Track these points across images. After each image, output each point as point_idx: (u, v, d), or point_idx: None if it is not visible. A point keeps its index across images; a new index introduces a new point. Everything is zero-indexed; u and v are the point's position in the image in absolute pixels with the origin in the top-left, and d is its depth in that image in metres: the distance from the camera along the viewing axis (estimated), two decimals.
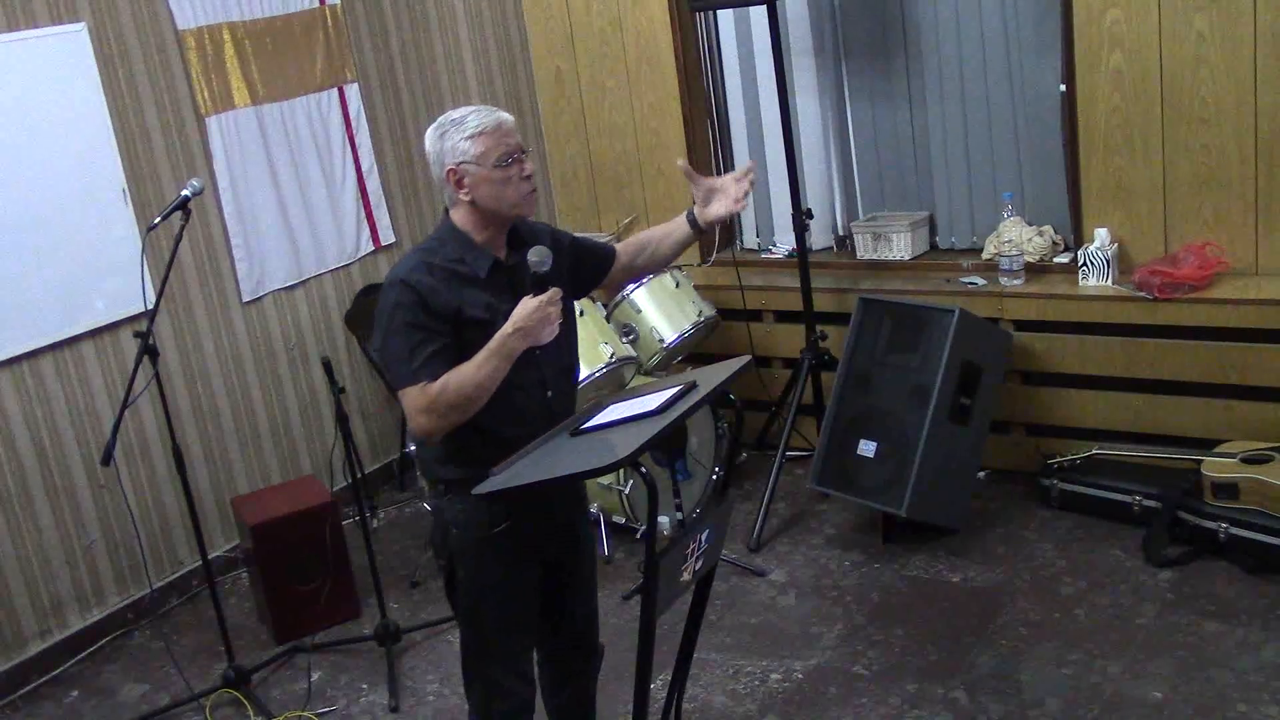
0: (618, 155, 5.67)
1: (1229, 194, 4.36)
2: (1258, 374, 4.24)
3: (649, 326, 4.92)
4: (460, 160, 2.65)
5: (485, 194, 2.67)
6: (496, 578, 2.78)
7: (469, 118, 2.67)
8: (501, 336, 2.60)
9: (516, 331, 2.60)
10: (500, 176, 2.66)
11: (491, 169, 2.65)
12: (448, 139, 2.67)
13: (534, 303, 2.62)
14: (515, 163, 2.67)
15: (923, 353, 4.40)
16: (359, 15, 5.25)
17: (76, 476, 4.39)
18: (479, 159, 2.64)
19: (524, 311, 2.61)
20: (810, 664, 3.82)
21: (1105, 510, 4.38)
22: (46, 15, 4.20)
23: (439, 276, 2.64)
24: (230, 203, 4.78)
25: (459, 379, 2.59)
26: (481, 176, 2.65)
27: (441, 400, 2.59)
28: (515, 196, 2.68)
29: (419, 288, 2.62)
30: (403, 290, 2.62)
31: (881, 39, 5.13)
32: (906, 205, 5.28)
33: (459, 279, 2.66)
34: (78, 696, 4.21)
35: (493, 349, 2.60)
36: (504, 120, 2.68)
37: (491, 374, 2.60)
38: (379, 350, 2.72)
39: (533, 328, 2.61)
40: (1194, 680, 3.49)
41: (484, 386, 2.60)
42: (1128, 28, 4.37)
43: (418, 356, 2.61)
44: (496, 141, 2.65)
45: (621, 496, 4.50)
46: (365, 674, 4.09)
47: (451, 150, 2.66)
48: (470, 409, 2.61)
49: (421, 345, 2.61)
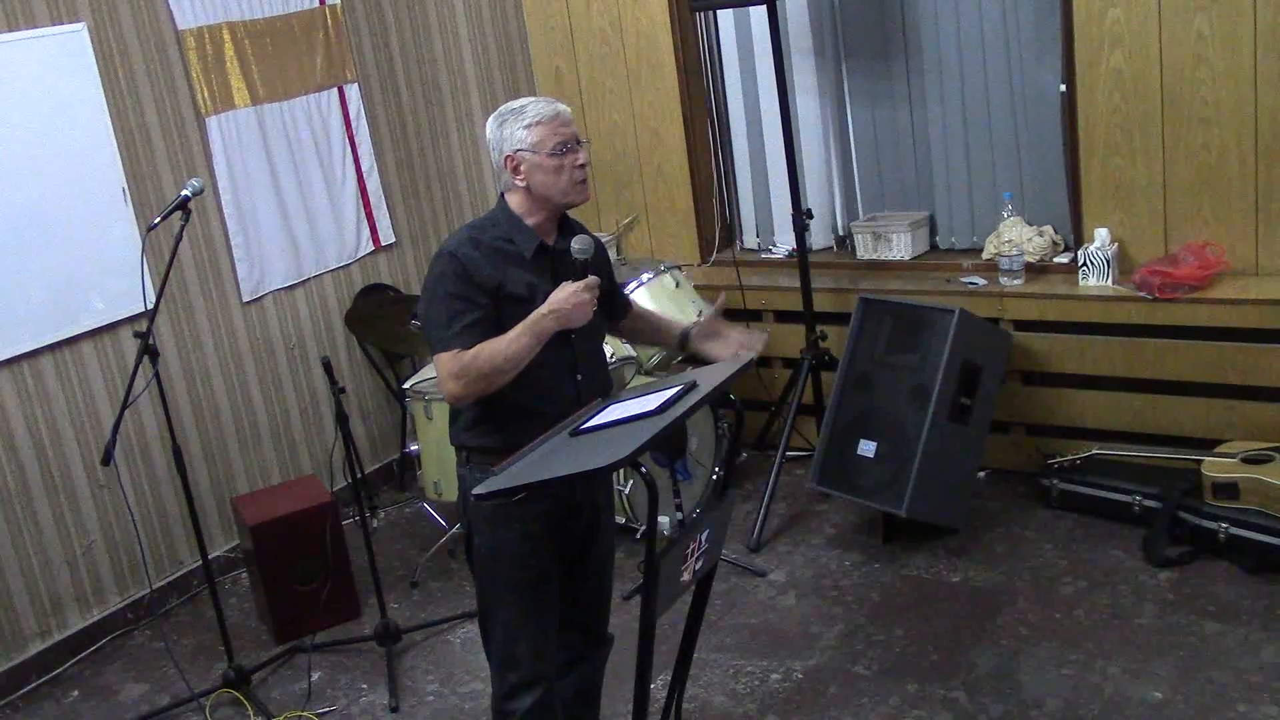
0: (618, 155, 5.67)
1: (1229, 194, 4.36)
2: (1258, 374, 4.24)
3: None
4: (518, 147, 2.77)
5: (539, 180, 2.78)
6: (513, 546, 2.82)
7: (528, 107, 2.79)
8: (536, 316, 2.70)
9: (551, 313, 2.70)
10: (554, 164, 2.77)
11: (546, 157, 2.76)
12: (507, 127, 2.79)
13: (571, 287, 2.72)
14: (570, 152, 2.78)
15: (923, 353, 4.40)
16: (359, 15, 5.25)
17: (76, 476, 4.39)
18: (535, 146, 2.76)
19: (561, 295, 2.71)
20: (810, 664, 3.82)
21: (1105, 510, 4.38)
22: (46, 15, 4.20)
23: (484, 252, 2.76)
24: (230, 203, 4.78)
25: (491, 350, 2.68)
26: (536, 163, 2.77)
27: (472, 368, 2.68)
28: (567, 184, 2.79)
29: (464, 260, 2.73)
30: (449, 261, 2.74)
31: (881, 39, 5.13)
32: (906, 205, 5.28)
33: (504, 256, 2.77)
34: (78, 696, 4.21)
35: (527, 325, 2.69)
36: (561, 111, 2.80)
37: (522, 350, 2.68)
38: (421, 317, 2.83)
39: (568, 311, 2.70)
40: (1194, 680, 3.49)
41: (513, 360, 2.68)
42: (1128, 28, 4.37)
43: (455, 324, 2.71)
44: (552, 131, 2.76)
45: (621, 496, 4.50)
46: (365, 674, 4.09)
47: (510, 138, 2.78)
48: (498, 380, 2.69)
49: (460, 315, 2.71)
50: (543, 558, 2.86)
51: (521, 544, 2.82)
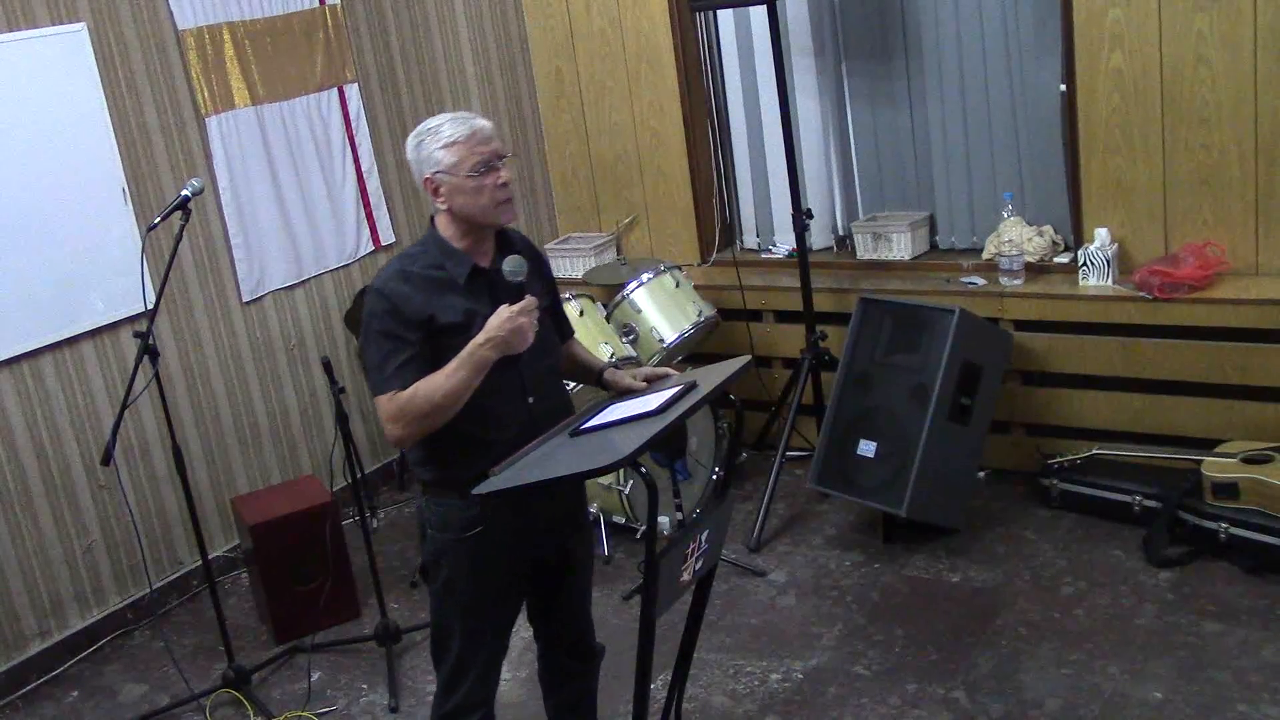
0: (618, 155, 5.67)
1: (1229, 194, 4.36)
2: (1258, 374, 4.24)
3: (649, 326, 4.92)
4: (435, 170, 2.66)
5: (460, 203, 2.67)
6: (466, 579, 2.77)
7: (443, 127, 2.67)
8: (473, 346, 2.60)
9: (488, 341, 2.59)
10: (474, 185, 2.65)
11: (465, 178, 2.65)
12: (424, 148, 2.68)
13: (507, 312, 2.61)
14: (490, 171, 2.66)
15: (923, 353, 4.40)
16: (359, 15, 5.25)
17: (76, 476, 4.39)
18: (453, 168, 2.65)
19: (496, 321, 2.60)
20: (810, 664, 3.82)
21: (1105, 510, 4.38)
22: (46, 15, 4.20)
23: (415, 284, 2.65)
24: (230, 203, 4.78)
25: (428, 388, 2.59)
26: (456, 185, 2.66)
27: (410, 409, 2.59)
28: (489, 204, 2.67)
29: (392, 296, 2.63)
30: (376, 299, 2.65)
31: (881, 39, 5.13)
32: (906, 205, 5.28)
33: (436, 285, 2.67)
34: (78, 696, 4.21)
35: (464, 358, 2.59)
36: (479, 128, 2.67)
37: (461, 383, 2.59)
38: (360, 355, 2.73)
39: (504, 338, 2.60)
40: (1194, 680, 3.49)
41: (453, 395, 2.59)
42: (1128, 28, 4.37)
43: (389, 365, 2.62)
44: (470, 150, 2.65)
45: (621, 496, 4.50)
46: (365, 674, 4.09)
47: (428, 159, 2.67)
48: (439, 418, 2.61)
49: (393, 354, 2.62)
50: (499, 592, 2.81)
51: (478, 579, 2.77)
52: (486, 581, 2.78)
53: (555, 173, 5.89)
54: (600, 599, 4.35)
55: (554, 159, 5.88)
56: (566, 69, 5.68)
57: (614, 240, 5.76)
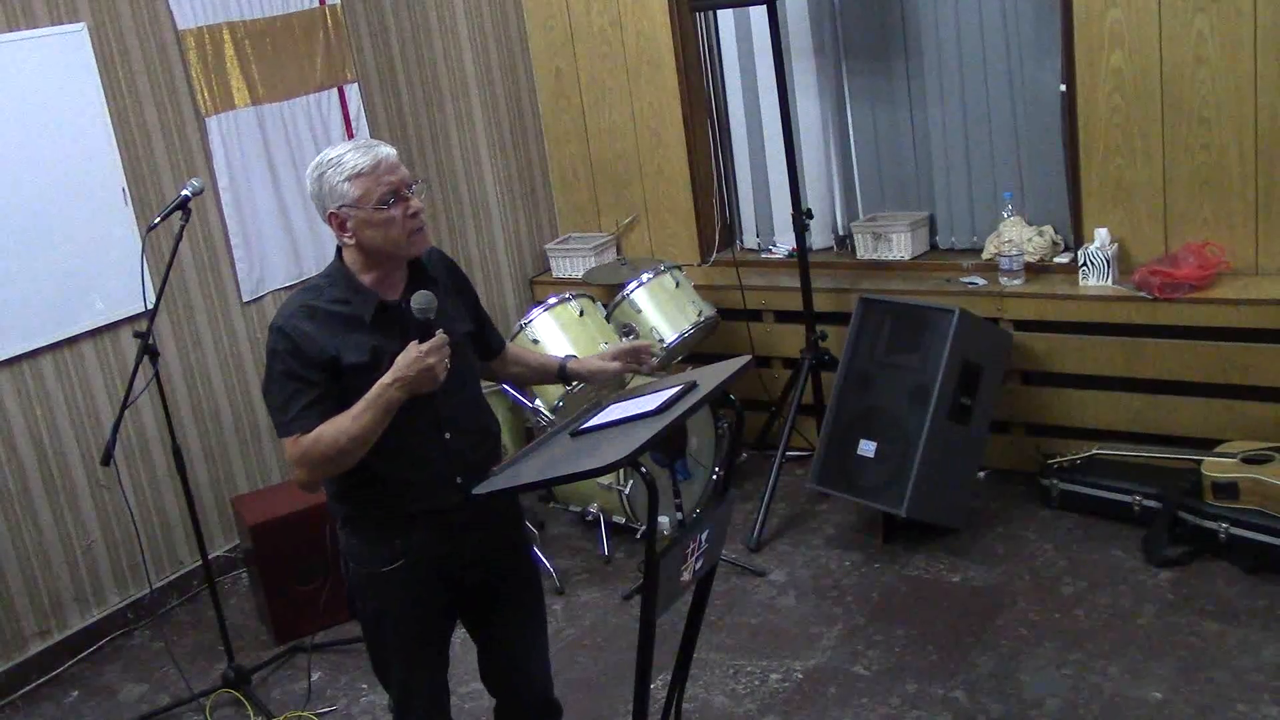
0: (618, 155, 5.67)
1: (1229, 194, 4.36)
2: (1258, 374, 4.24)
3: (649, 326, 4.92)
4: (340, 204, 2.53)
5: (369, 237, 2.54)
6: (391, 611, 2.69)
7: (345, 157, 2.53)
8: (380, 387, 2.47)
9: (395, 381, 2.47)
10: (382, 218, 2.52)
11: (373, 211, 2.52)
12: (326, 181, 2.54)
13: (415, 352, 2.48)
14: (399, 201, 2.53)
15: (923, 353, 4.40)
16: (359, 15, 5.25)
17: (76, 476, 4.39)
18: (359, 201, 2.52)
19: (404, 361, 2.48)
20: (810, 664, 3.82)
21: (1105, 510, 4.38)
22: (46, 15, 4.20)
23: (319, 321, 2.54)
24: (230, 203, 4.78)
25: (333, 432, 2.48)
26: (363, 219, 2.53)
27: (315, 452, 2.49)
28: (400, 236, 2.54)
29: (293, 335, 2.51)
30: (277, 337, 2.53)
31: (881, 39, 5.13)
32: (906, 205, 5.28)
33: (342, 321, 2.55)
34: (78, 696, 4.21)
35: (370, 399, 2.47)
36: (383, 158, 2.54)
37: (367, 426, 2.47)
38: (264, 394, 2.61)
39: (413, 379, 2.47)
40: (1194, 680, 3.49)
41: (359, 439, 2.48)
42: (1128, 28, 4.37)
43: (291, 408, 2.51)
44: (375, 181, 2.51)
45: (621, 496, 4.50)
46: (365, 674, 4.09)
47: (331, 193, 2.54)
48: (346, 461, 2.50)
49: (296, 395, 2.50)
50: (429, 619, 2.73)
51: (405, 607, 2.68)
52: (414, 611, 2.70)
53: (555, 173, 5.89)
54: (600, 599, 4.35)
55: (554, 159, 5.88)
56: (566, 69, 5.68)
57: (614, 240, 5.76)
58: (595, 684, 3.85)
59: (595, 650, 4.05)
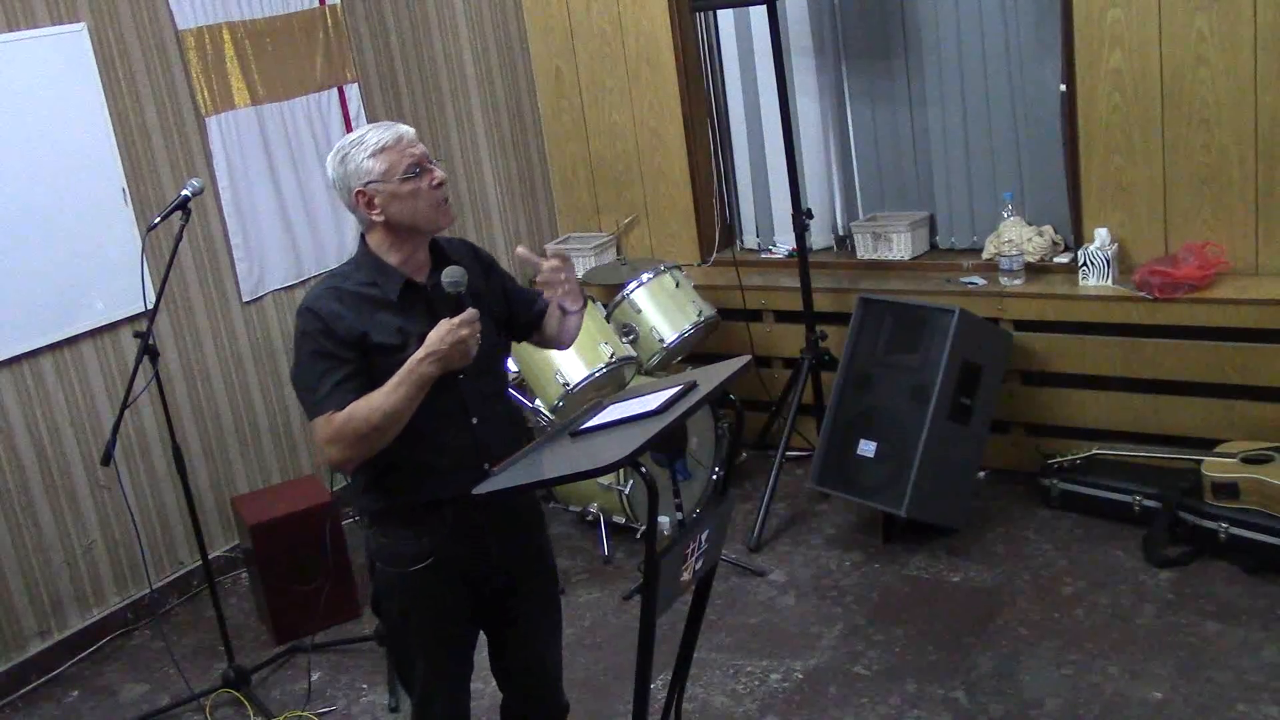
0: (618, 155, 5.67)
1: (1229, 194, 4.36)
2: (1258, 374, 4.24)
3: (649, 326, 4.92)
4: (367, 180, 2.57)
5: (397, 210, 2.58)
6: (419, 613, 2.70)
7: (368, 135, 2.59)
8: (412, 363, 2.48)
9: (428, 356, 2.48)
10: (409, 189, 2.56)
11: (399, 183, 2.56)
12: (350, 161, 2.58)
13: (447, 325, 2.49)
14: (424, 173, 2.58)
15: (923, 353, 4.40)
16: (359, 15, 5.25)
17: (76, 476, 4.39)
18: (385, 175, 2.56)
19: (436, 335, 2.49)
20: (810, 664, 3.82)
21: (1105, 510, 4.38)
22: (46, 15, 4.20)
23: (347, 302, 2.56)
24: (230, 203, 4.78)
25: (366, 408, 2.48)
26: (390, 192, 2.56)
27: (348, 429, 2.49)
28: (428, 207, 2.59)
29: (324, 314, 2.54)
30: (307, 318, 2.55)
31: (882, 39, 5.13)
32: (906, 205, 5.28)
33: (370, 303, 2.58)
34: (78, 696, 4.21)
35: (403, 375, 2.48)
36: (404, 133, 2.60)
37: (401, 402, 2.48)
38: (292, 378, 2.62)
39: (445, 352, 2.48)
40: (1194, 680, 3.49)
41: (393, 416, 2.48)
42: (1128, 28, 4.37)
43: (324, 385, 2.52)
44: (400, 155, 2.57)
45: (621, 496, 4.50)
46: (365, 674, 4.09)
47: (356, 172, 2.57)
48: (380, 439, 2.50)
49: (327, 374, 2.52)
50: (456, 620, 2.74)
51: (432, 608, 2.69)
52: (440, 613, 2.71)
53: (555, 173, 5.89)
54: (600, 599, 4.35)
55: (554, 159, 5.88)
56: (566, 69, 5.68)
57: (614, 240, 5.76)
58: (595, 684, 3.85)
59: (595, 650, 4.05)
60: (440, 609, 2.71)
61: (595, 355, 4.63)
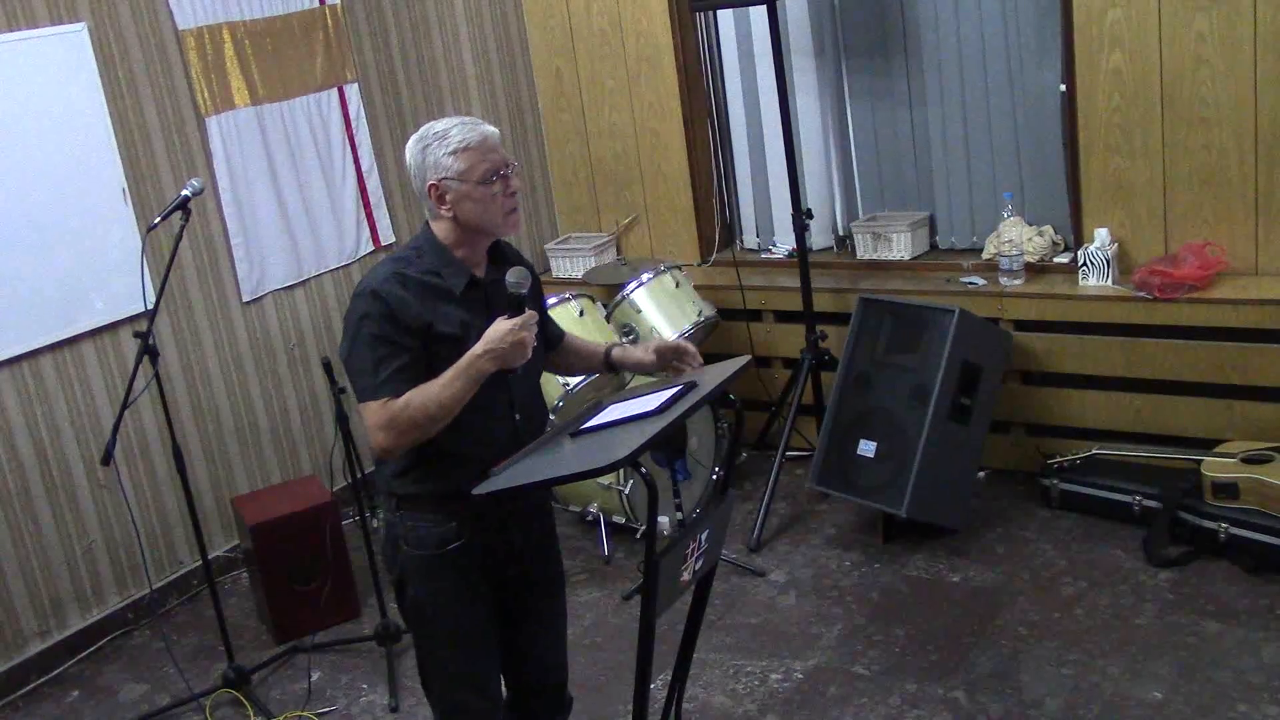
0: (618, 155, 5.67)
1: (1229, 194, 4.36)
2: (1258, 374, 4.24)
3: (649, 326, 4.92)
4: (443, 176, 2.57)
5: (468, 211, 2.59)
6: (448, 596, 2.70)
7: (453, 131, 2.58)
8: (471, 357, 2.51)
9: (487, 353, 2.51)
10: (484, 194, 2.58)
11: (475, 186, 2.57)
12: (430, 153, 2.58)
13: (507, 325, 2.53)
14: (500, 179, 2.59)
15: (923, 353, 4.40)
16: (359, 15, 5.25)
17: (76, 476, 4.39)
18: (462, 175, 2.56)
19: (497, 333, 2.52)
20: (810, 664, 3.82)
21: (1105, 510, 4.38)
22: (46, 15, 4.20)
23: (412, 289, 2.56)
24: (230, 203, 4.78)
25: (422, 397, 2.50)
26: (464, 193, 2.57)
27: (403, 417, 2.50)
28: (499, 215, 2.61)
29: (389, 299, 2.53)
30: (372, 300, 2.54)
31: (881, 39, 5.13)
32: (906, 205, 5.28)
33: (433, 292, 2.58)
34: (78, 696, 4.21)
35: (461, 369, 2.51)
36: (489, 135, 2.60)
37: (457, 394, 2.51)
38: (345, 359, 2.60)
39: (505, 351, 2.52)
40: (1194, 680, 3.49)
41: (447, 406, 2.50)
42: (1128, 28, 4.37)
43: (382, 371, 2.52)
44: (481, 157, 2.57)
45: (621, 496, 4.50)
46: (365, 674, 4.09)
47: (434, 165, 2.58)
48: (431, 429, 2.52)
49: (387, 359, 2.52)
50: (480, 605, 2.74)
51: (458, 592, 2.70)
52: (467, 597, 2.72)
53: (555, 173, 5.89)
54: (600, 599, 4.35)
55: (554, 159, 5.88)
56: (566, 69, 5.68)
57: (614, 240, 5.76)
58: (595, 684, 3.85)
59: (595, 650, 4.05)
60: (467, 593, 2.72)
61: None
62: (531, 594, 2.85)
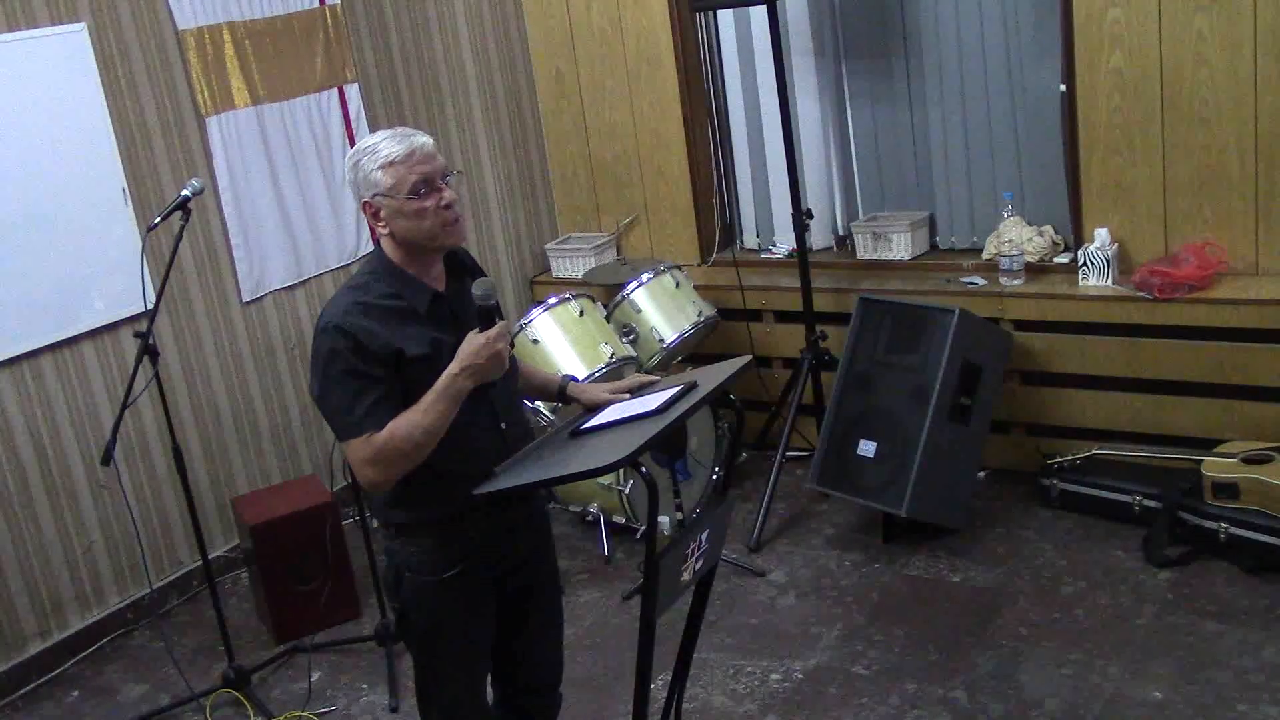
0: (618, 155, 5.67)
1: (1229, 194, 4.36)
2: (1258, 374, 4.24)
3: (649, 326, 4.92)
4: (375, 192, 2.49)
5: (402, 227, 2.50)
6: (454, 620, 2.67)
7: (380, 145, 2.49)
8: (448, 378, 2.44)
9: (464, 370, 2.44)
10: (414, 208, 2.48)
11: (405, 200, 2.47)
12: (361, 169, 2.50)
13: (481, 339, 2.45)
14: (432, 191, 2.49)
15: (923, 353, 4.40)
16: (359, 15, 5.25)
17: (76, 476, 4.39)
18: (391, 190, 2.47)
19: (471, 349, 2.45)
20: (810, 664, 3.82)
21: (1105, 510, 4.38)
22: (46, 15, 4.20)
23: (375, 316, 2.47)
24: (230, 203, 4.78)
25: (406, 426, 2.42)
26: (396, 209, 2.48)
27: (389, 449, 2.43)
28: (434, 227, 2.50)
29: (354, 331, 2.44)
30: (337, 336, 2.45)
31: (881, 39, 5.13)
32: (906, 205, 5.28)
33: (397, 315, 2.50)
34: (78, 696, 4.21)
35: (440, 390, 2.44)
36: (417, 146, 2.49)
37: (440, 417, 2.44)
38: (318, 398, 2.51)
39: (482, 365, 2.45)
40: (1194, 680, 3.49)
41: (432, 432, 2.44)
42: (1128, 28, 4.37)
43: (359, 406, 2.44)
44: (409, 170, 2.47)
45: (621, 496, 4.50)
46: (365, 674, 4.09)
47: (365, 181, 2.50)
48: (419, 456, 2.45)
49: (362, 394, 2.44)
50: (483, 628, 2.72)
51: (462, 615, 2.66)
52: (472, 617, 2.69)
53: (555, 173, 5.89)
54: (600, 599, 4.35)
55: (554, 159, 5.88)
56: (566, 69, 5.68)
57: (614, 240, 5.76)
58: (595, 684, 3.85)
59: (595, 650, 4.05)
60: (472, 613, 2.69)
61: (595, 355, 4.63)
62: (530, 599, 2.83)
